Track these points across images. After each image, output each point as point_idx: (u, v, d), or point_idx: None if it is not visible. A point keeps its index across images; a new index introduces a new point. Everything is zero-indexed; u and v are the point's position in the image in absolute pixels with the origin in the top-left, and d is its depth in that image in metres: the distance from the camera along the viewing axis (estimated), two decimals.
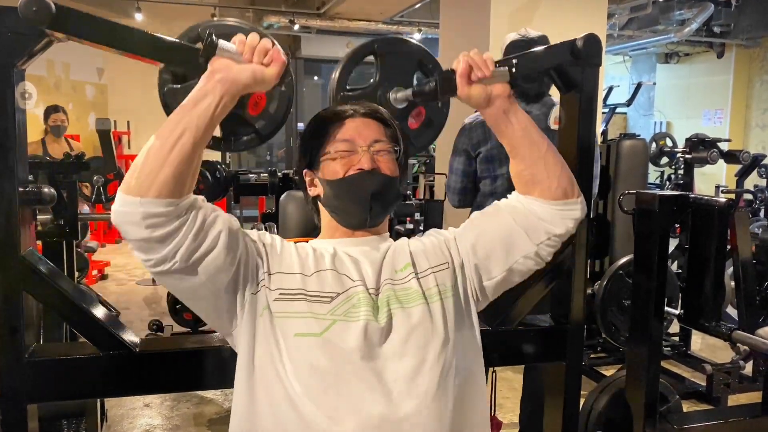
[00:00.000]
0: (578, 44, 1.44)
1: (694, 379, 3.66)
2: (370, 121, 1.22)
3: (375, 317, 1.11)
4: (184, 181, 1.01)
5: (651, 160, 6.04)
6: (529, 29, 2.55)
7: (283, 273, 1.14)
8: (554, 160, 1.21)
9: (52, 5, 1.13)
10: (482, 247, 1.22)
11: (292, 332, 1.09)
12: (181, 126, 1.01)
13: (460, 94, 1.16)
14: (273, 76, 1.05)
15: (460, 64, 1.15)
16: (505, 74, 1.16)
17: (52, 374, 1.33)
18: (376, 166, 1.18)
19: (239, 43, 1.04)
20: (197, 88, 1.04)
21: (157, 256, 1.02)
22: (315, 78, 11.74)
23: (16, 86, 1.28)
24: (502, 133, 1.21)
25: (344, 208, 1.20)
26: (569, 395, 1.67)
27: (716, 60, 9.75)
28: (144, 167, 1.00)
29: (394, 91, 1.48)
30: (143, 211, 0.99)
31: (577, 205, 1.22)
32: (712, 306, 1.87)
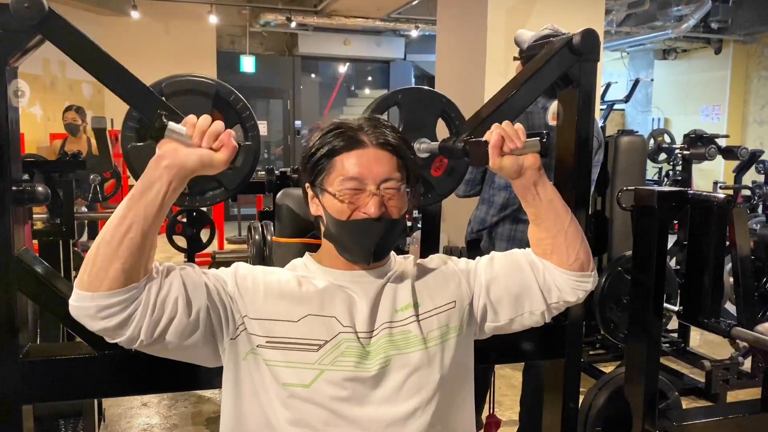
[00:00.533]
0: (576, 40, 1.43)
1: (693, 375, 3.66)
2: (381, 155, 1.13)
3: (362, 366, 1.10)
4: (137, 270, 1.00)
5: (649, 156, 6.03)
6: (556, 26, 2.56)
7: (268, 320, 1.11)
8: (575, 234, 1.21)
9: (45, 4, 1.12)
10: (495, 291, 1.23)
11: (281, 381, 1.09)
12: (128, 219, 0.99)
13: (492, 165, 1.15)
14: (221, 161, 1.02)
15: (493, 135, 1.13)
16: (536, 145, 1.16)
17: (47, 374, 1.32)
18: (383, 211, 1.11)
19: (189, 126, 1.01)
20: (143, 176, 1.02)
21: (123, 339, 1.03)
22: (312, 75, 11.73)
23: (8, 84, 1.27)
24: (528, 203, 1.21)
25: (347, 246, 1.14)
26: (568, 392, 1.66)
27: (714, 56, 9.74)
28: (95, 263, 0.98)
29: (419, 142, 1.48)
30: (96, 305, 0.98)
31: (590, 278, 1.24)
32: (711, 302, 1.86)
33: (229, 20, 9.60)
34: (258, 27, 9.48)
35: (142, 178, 1.02)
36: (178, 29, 9.05)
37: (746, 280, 3.12)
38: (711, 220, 1.81)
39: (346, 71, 11.90)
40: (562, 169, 1.68)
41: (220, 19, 8.90)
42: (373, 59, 11.31)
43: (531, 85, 1.49)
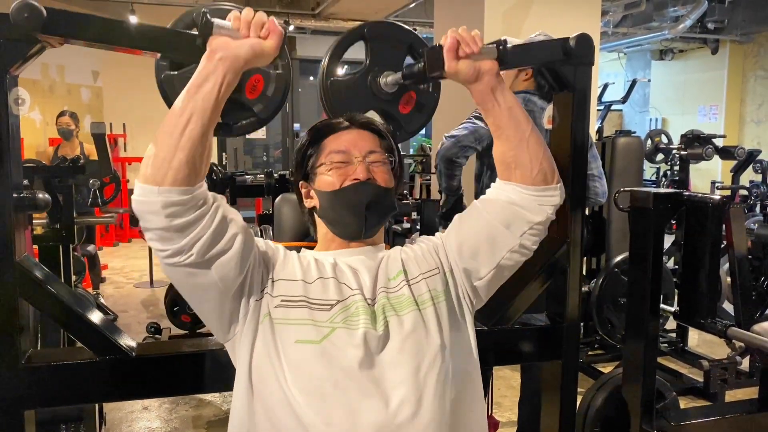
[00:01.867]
0: (571, 43, 1.44)
1: (691, 375, 3.67)
2: (364, 133, 1.23)
3: (373, 325, 1.12)
4: (197, 167, 1.02)
5: (646, 156, 6.06)
6: (548, 33, 2.62)
7: (286, 280, 1.15)
8: (537, 144, 1.22)
9: (43, 10, 1.13)
10: (467, 249, 1.23)
11: (292, 339, 1.10)
12: (188, 111, 1.01)
13: (448, 69, 1.15)
14: (272, 47, 1.05)
15: (448, 39, 1.15)
16: (493, 51, 1.17)
17: (49, 380, 1.33)
18: (371, 176, 1.19)
19: (234, 19, 1.04)
20: (198, 71, 1.04)
21: (175, 247, 1.02)
22: (311, 78, 11.74)
23: (9, 92, 1.28)
24: (488, 112, 1.22)
25: (340, 219, 1.21)
26: (566, 393, 1.68)
27: (710, 56, 9.78)
28: (157, 155, 1.00)
29: (384, 76, 1.47)
30: (162, 199, 0.99)
31: (556, 191, 1.24)
32: (708, 303, 1.87)
33: None
34: None
35: (196, 73, 1.04)
36: None
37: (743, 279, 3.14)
38: (707, 221, 1.83)
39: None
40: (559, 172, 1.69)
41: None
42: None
43: (518, 49, 1.46)
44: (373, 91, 1.49)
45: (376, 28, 1.49)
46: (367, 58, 1.48)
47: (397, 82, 1.48)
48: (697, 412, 2.11)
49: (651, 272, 1.84)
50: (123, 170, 8.29)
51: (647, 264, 1.85)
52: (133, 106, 8.08)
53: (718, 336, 1.90)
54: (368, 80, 1.50)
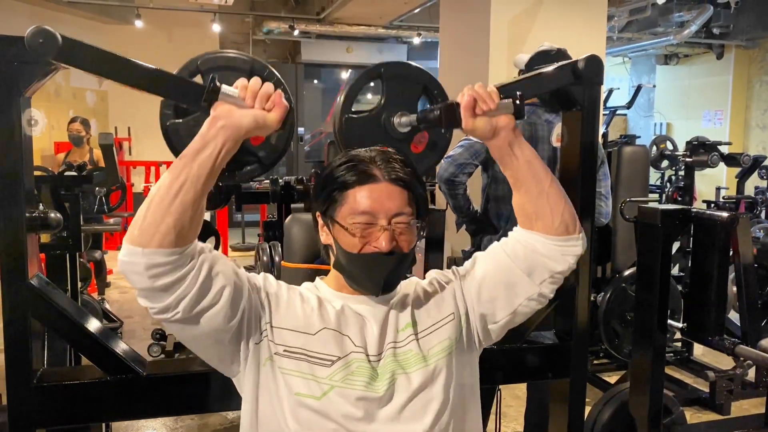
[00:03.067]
0: (580, 66, 1.45)
1: (696, 385, 3.66)
2: (393, 189, 1.14)
3: (371, 387, 1.12)
4: (185, 231, 1.02)
5: (652, 163, 6.05)
6: (553, 44, 2.64)
7: (288, 329, 1.14)
8: (557, 195, 1.20)
9: (59, 37, 1.14)
10: (486, 293, 1.23)
11: (293, 390, 1.11)
12: (182, 177, 1.01)
13: (465, 126, 1.15)
14: (275, 121, 1.04)
15: (465, 97, 1.14)
16: (510, 106, 1.16)
17: (61, 399, 1.34)
18: (394, 245, 1.13)
19: (241, 88, 1.04)
20: (198, 137, 1.04)
21: (161, 305, 1.03)
22: (315, 81, 11.76)
23: (23, 113, 1.29)
24: (506, 166, 1.21)
25: (356, 280, 1.17)
26: (573, 410, 1.68)
27: (716, 61, 9.75)
28: (146, 218, 1.00)
29: (398, 116, 1.48)
30: (146, 261, 0.99)
31: (579, 242, 1.22)
32: (715, 320, 1.87)
33: (233, 28, 9.64)
34: (261, 35, 9.52)
35: (196, 139, 1.04)
36: (182, 37, 9.08)
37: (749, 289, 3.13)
38: (715, 238, 1.83)
39: (348, 78, 11.93)
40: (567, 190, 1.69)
41: (223, 27, 8.93)
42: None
43: (530, 83, 1.45)
44: (386, 130, 1.50)
45: (393, 68, 1.51)
46: (383, 97, 1.50)
47: (411, 124, 1.50)
48: (703, 427, 2.11)
49: (659, 288, 1.85)
50: (128, 174, 8.30)
51: (655, 280, 1.86)
52: (138, 110, 8.09)
53: (726, 354, 1.90)
54: (383, 119, 1.51)
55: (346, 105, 1.44)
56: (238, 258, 7.38)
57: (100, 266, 4.95)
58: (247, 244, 8.11)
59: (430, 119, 1.24)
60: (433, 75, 1.55)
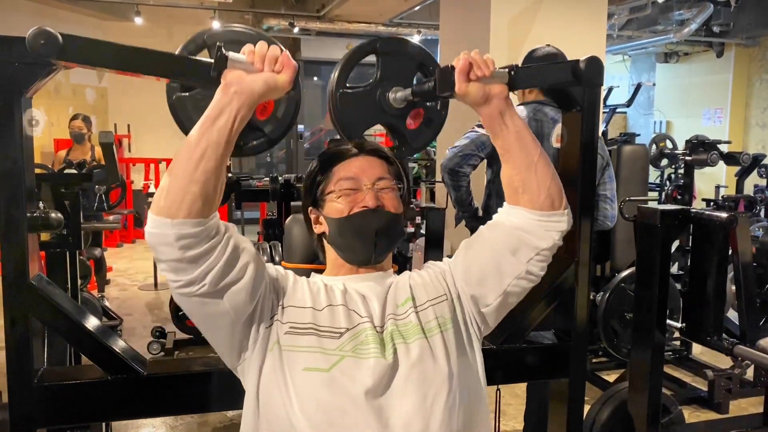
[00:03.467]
0: (581, 66, 1.45)
1: (695, 384, 3.67)
2: (373, 159, 1.25)
3: (382, 353, 1.12)
4: (211, 199, 1.03)
5: (651, 162, 6.05)
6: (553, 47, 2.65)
7: (295, 306, 1.16)
8: (545, 168, 1.21)
9: (59, 37, 1.14)
10: (474, 276, 1.24)
11: (300, 366, 1.10)
12: (203, 144, 1.02)
13: (458, 90, 1.15)
14: (286, 82, 1.06)
15: (460, 60, 1.15)
16: (504, 76, 1.17)
17: (61, 399, 1.34)
18: (380, 203, 1.20)
19: (249, 53, 1.05)
20: (213, 104, 1.05)
21: (188, 278, 1.04)
22: (315, 78, 11.75)
23: (24, 114, 1.29)
24: (496, 135, 1.21)
25: (349, 246, 1.22)
26: (572, 410, 1.68)
27: (716, 59, 9.75)
28: (171, 188, 1.01)
29: (394, 91, 1.47)
30: (176, 232, 1.00)
31: (563, 218, 1.23)
32: (714, 320, 1.88)
33: None
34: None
35: (211, 106, 1.05)
36: (182, 34, 8.96)
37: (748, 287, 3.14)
38: (714, 238, 1.83)
39: None
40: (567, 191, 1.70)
41: (223, 24, 8.93)
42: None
43: (529, 71, 1.45)
44: (381, 106, 1.50)
45: (389, 44, 1.50)
46: (378, 72, 1.49)
47: (406, 98, 1.49)
48: (702, 427, 2.11)
49: (658, 288, 1.85)
50: (127, 171, 8.30)
51: (654, 280, 1.86)
52: (138, 107, 8.11)
53: (725, 354, 1.90)
54: (377, 94, 1.51)
55: (340, 79, 1.44)
56: None
57: (99, 264, 4.96)
58: None
59: (425, 90, 1.25)
60: (429, 52, 1.53)
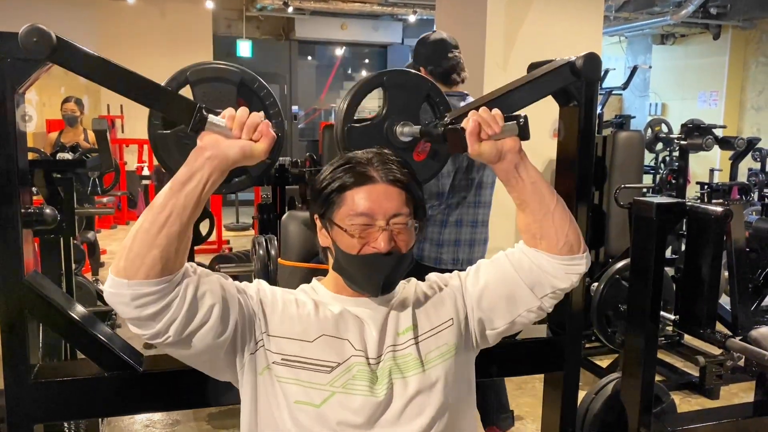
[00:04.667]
0: (578, 64, 1.45)
1: (686, 369, 3.71)
2: (391, 191, 1.15)
3: (372, 391, 1.13)
4: (171, 262, 1.02)
5: (646, 146, 6.06)
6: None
7: (284, 338, 1.14)
8: (562, 216, 1.20)
9: (53, 37, 1.13)
10: (487, 301, 1.24)
11: (292, 398, 1.11)
12: (168, 208, 1.01)
13: (471, 152, 1.15)
14: (262, 151, 1.04)
15: (470, 123, 1.13)
16: (514, 128, 1.15)
17: (58, 395, 1.35)
18: (393, 246, 1.14)
19: (228, 118, 1.03)
20: (185, 167, 1.03)
21: (151, 332, 1.04)
22: (309, 58, 11.67)
23: (17, 109, 1.28)
24: (512, 188, 1.21)
25: (354, 281, 1.18)
26: (566, 403, 1.70)
27: (712, 41, 9.71)
28: (132, 250, 1.00)
29: (401, 125, 1.48)
30: (131, 293, 1.00)
31: (582, 260, 1.23)
32: (707, 312, 1.89)
33: (226, 4, 9.52)
34: (254, 11, 9.40)
35: (182, 169, 1.03)
36: (174, 13, 8.97)
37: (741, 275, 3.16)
38: (709, 232, 1.84)
39: (343, 55, 11.84)
40: (563, 185, 1.70)
41: (216, 3, 8.83)
42: (370, 44, 11.24)
43: (527, 89, 1.47)
44: (388, 139, 1.50)
45: (394, 77, 1.50)
46: (385, 106, 1.49)
47: (414, 135, 1.49)
48: (693, 416, 2.14)
49: (652, 281, 1.86)
50: (120, 152, 8.25)
51: (649, 273, 1.87)
52: None
53: (718, 347, 1.92)
54: (384, 127, 1.51)
55: (347, 114, 1.43)
56: (232, 237, 7.38)
57: (93, 247, 4.94)
58: (241, 224, 8.09)
59: (434, 136, 1.24)
60: (435, 84, 1.54)
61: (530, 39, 4.41)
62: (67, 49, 1.15)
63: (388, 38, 10.93)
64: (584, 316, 1.86)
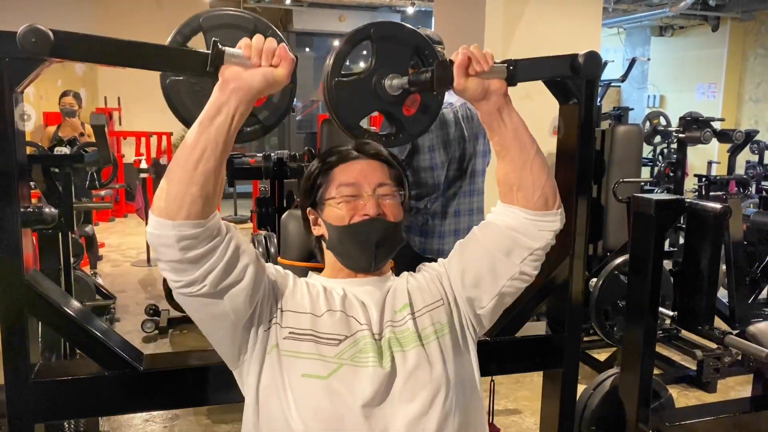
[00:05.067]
0: (579, 60, 1.44)
1: (684, 362, 3.72)
2: (374, 163, 1.23)
3: (380, 362, 1.13)
4: (211, 199, 1.02)
5: (645, 139, 6.05)
6: None
7: (295, 312, 1.16)
8: (540, 167, 1.20)
9: (51, 34, 1.11)
10: (469, 279, 1.24)
11: (298, 372, 1.11)
12: (201, 144, 1.01)
13: (457, 85, 1.14)
14: (284, 76, 1.04)
15: (459, 55, 1.13)
16: (503, 71, 1.16)
17: (59, 394, 1.35)
18: (381, 212, 1.19)
19: (245, 47, 1.03)
20: (211, 102, 1.03)
21: (189, 278, 1.03)
22: (307, 50, 11.62)
23: (15, 108, 1.27)
24: (493, 131, 1.20)
25: (349, 254, 1.21)
26: (565, 400, 1.70)
27: (711, 33, 9.69)
28: (170, 189, 1.00)
29: (390, 78, 1.45)
30: (176, 233, 1.00)
31: (556, 217, 1.22)
32: (706, 309, 1.90)
33: None
34: (252, 2, 9.35)
35: (209, 104, 1.03)
36: (171, 4, 8.92)
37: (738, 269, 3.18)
38: (707, 229, 1.84)
39: None
40: (563, 183, 1.70)
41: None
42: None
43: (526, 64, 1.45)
44: (377, 93, 1.48)
45: (383, 29, 1.47)
46: (372, 58, 1.47)
47: (403, 86, 1.47)
48: (691, 411, 2.15)
49: (651, 277, 1.86)
50: (118, 144, 8.23)
51: (647, 269, 1.87)
52: (128, 79, 7.98)
53: (716, 343, 1.93)
54: (373, 81, 1.49)
55: (335, 68, 1.41)
56: None
57: (91, 241, 4.94)
58: (239, 216, 8.09)
59: (422, 81, 1.24)
60: (424, 36, 1.51)
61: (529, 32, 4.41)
62: (65, 42, 1.13)
63: None
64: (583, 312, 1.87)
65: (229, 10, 1.45)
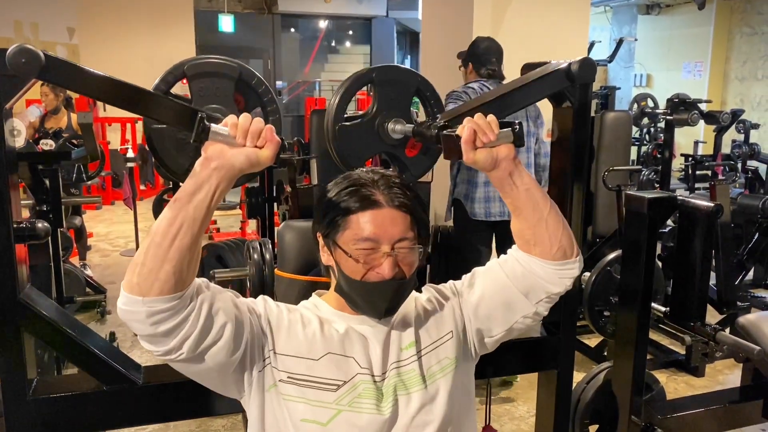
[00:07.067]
0: (573, 69, 1.44)
1: (672, 347, 3.77)
2: (396, 215, 1.15)
3: (379, 409, 1.13)
4: (184, 276, 1.00)
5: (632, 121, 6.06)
6: None
7: (291, 356, 1.14)
8: (555, 222, 1.20)
9: (42, 56, 1.10)
10: (484, 311, 1.25)
11: (298, 416, 1.11)
12: (178, 221, 0.99)
13: (466, 159, 1.13)
14: (268, 158, 1.02)
15: (465, 130, 1.12)
16: (509, 135, 1.15)
17: (57, 410, 1.35)
18: (397, 271, 1.14)
19: (231, 126, 1.01)
20: (191, 179, 1.01)
21: (165, 348, 1.03)
22: (292, 30, 11.51)
23: (5, 124, 1.26)
24: (506, 194, 1.20)
25: (357, 305, 1.18)
26: (560, 400, 1.73)
27: (697, 11, 9.67)
28: (144, 265, 0.99)
29: (393, 122, 1.45)
30: (147, 309, 0.98)
31: (575, 264, 1.23)
32: (698, 306, 1.92)
33: None
34: None
35: (189, 180, 1.02)
36: None
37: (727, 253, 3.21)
38: (699, 226, 1.86)
39: (326, 28, 11.69)
40: (557, 186, 1.71)
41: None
42: (354, 16, 11.10)
43: (523, 92, 1.47)
44: (380, 136, 1.48)
45: (384, 73, 1.47)
46: (375, 102, 1.47)
47: (406, 134, 1.47)
48: (682, 403, 2.19)
49: (643, 274, 1.88)
50: (103, 131, 8.14)
51: (640, 266, 1.89)
52: (111, 64, 7.87)
53: (708, 340, 1.96)
54: (376, 124, 1.49)
55: (337, 114, 1.41)
56: (220, 216, 7.33)
57: (80, 232, 4.90)
58: (228, 203, 8.04)
59: (427, 137, 1.22)
60: (425, 78, 1.52)
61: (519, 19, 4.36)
62: (55, 67, 1.12)
63: (372, 11, 10.80)
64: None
65: (213, 59, 1.44)
